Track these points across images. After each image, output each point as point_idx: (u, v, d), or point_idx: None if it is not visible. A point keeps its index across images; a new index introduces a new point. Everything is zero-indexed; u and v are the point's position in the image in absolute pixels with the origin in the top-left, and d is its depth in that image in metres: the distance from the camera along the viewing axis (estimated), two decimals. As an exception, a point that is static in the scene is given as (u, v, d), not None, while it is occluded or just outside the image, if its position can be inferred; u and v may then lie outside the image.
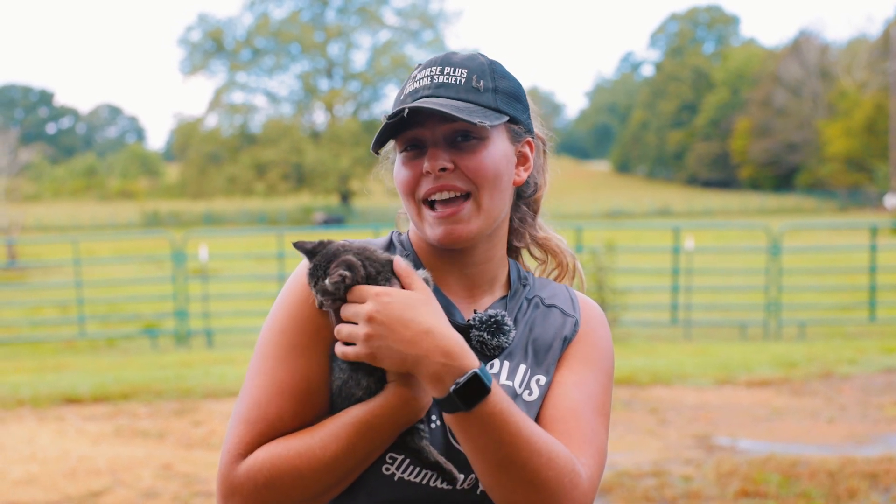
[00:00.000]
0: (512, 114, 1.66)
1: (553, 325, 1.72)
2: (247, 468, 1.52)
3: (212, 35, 78.60)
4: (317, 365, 1.57)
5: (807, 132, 76.26)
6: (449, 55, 1.68)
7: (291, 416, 1.56)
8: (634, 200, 74.32)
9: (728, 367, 10.57)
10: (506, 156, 1.66)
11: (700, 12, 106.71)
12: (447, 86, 1.63)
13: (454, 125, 1.60)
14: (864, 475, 6.34)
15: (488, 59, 1.69)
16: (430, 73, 1.66)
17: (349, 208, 72.59)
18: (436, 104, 1.57)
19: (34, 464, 6.97)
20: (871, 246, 15.00)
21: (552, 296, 1.77)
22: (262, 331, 1.64)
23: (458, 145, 1.61)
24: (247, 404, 1.57)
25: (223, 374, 10.59)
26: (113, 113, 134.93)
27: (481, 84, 1.64)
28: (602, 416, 1.66)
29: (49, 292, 19.72)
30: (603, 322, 1.78)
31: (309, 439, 1.52)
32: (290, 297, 1.61)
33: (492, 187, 1.63)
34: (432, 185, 1.61)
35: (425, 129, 1.62)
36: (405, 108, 1.57)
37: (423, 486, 1.57)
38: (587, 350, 1.71)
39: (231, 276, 20.68)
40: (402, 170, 1.65)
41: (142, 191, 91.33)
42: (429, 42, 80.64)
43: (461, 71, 1.64)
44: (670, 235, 16.13)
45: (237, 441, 1.55)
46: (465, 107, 1.60)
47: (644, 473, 6.45)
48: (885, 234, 29.23)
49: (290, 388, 1.56)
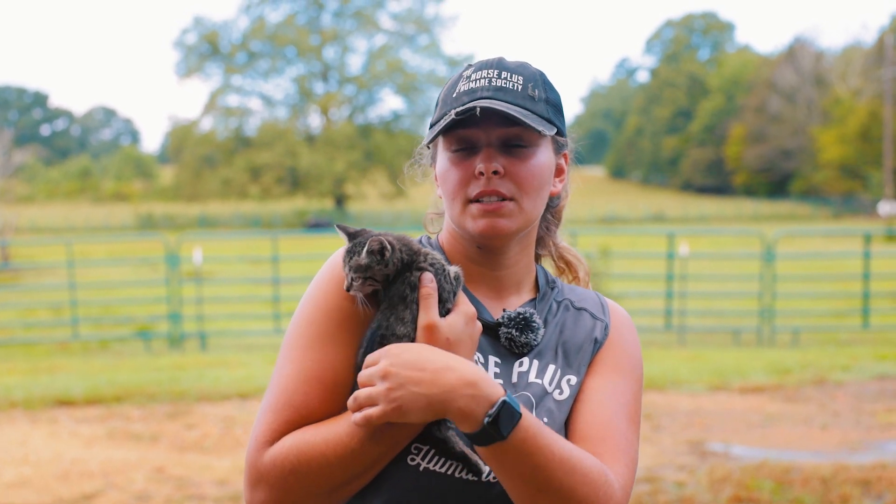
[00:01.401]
0: (559, 126, 1.69)
1: (584, 327, 1.74)
2: (273, 455, 1.53)
3: (207, 38, 78.60)
4: (344, 355, 1.59)
5: (801, 139, 76.47)
6: (501, 59, 1.69)
7: (318, 405, 1.57)
8: (629, 206, 74.44)
9: (722, 374, 10.58)
10: (549, 166, 1.68)
11: (695, 19, 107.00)
12: (506, 90, 1.64)
13: (511, 130, 1.62)
14: (857, 482, 6.35)
15: (538, 70, 1.71)
16: (488, 76, 1.66)
17: (343, 212, 72.58)
18: (504, 107, 1.59)
19: (27, 466, 6.96)
20: (865, 253, 15.01)
21: (582, 299, 1.79)
22: (292, 321, 1.65)
23: (511, 150, 1.63)
24: (275, 393, 1.59)
25: (217, 377, 10.58)
26: (107, 115, 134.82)
27: (536, 93, 1.66)
28: (634, 424, 1.67)
29: (42, 294, 19.67)
30: (632, 329, 1.79)
31: (336, 427, 1.53)
32: (319, 289, 1.64)
33: (535, 195, 1.65)
34: (483, 187, 1.62)
35: (480, 129, 1.62)
36: (476, 107, 1.58)
37: (448, 477, 1.57)
38: (619, 357, 1.72)
39: (225, 279, 20.66)
40: (452, 169, 1.66)
41: (136, 193, 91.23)
42: (424, 46, 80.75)
43: (517, 77, 1.66)
44: (665, 241, 16.13)
45: (264, 428, 1.56)
46: (525, 113, 1.61)
47: (638, 479, 6.45)
48: (879, 242, 29.30)
49: (318, 376, 1.57)
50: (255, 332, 15.53)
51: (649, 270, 17.56)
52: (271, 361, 11.57)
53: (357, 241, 1.59)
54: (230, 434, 7.91)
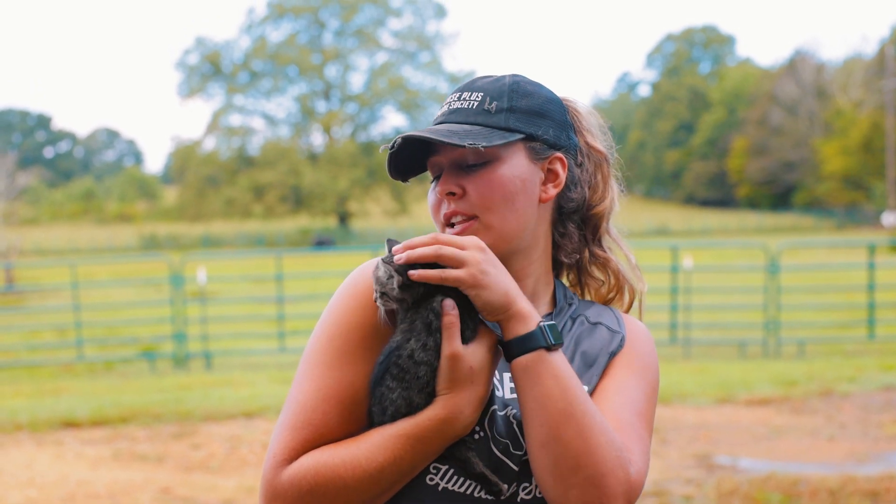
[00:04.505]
0: (529, 131, 1.67)
1: (600, 340, 1.73)
2: (291, 474, 1.53)
3: (209, 58, 78.87)
4: (363, 373, 1.58)
5: (803, 151, 76.47)
6: (476, 80, 1.72)
7: (337, 424, 1.57)
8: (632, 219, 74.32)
9: (728, 386, 10.56)
10: (521, 175, 1.66)
11: (696, 32, 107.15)
12: (459, 111, 1.68)
13: (460, 151, 1.64)
14: (865, 493, 6.33)
15: (513, 80, 1.71)
16: (450, 100, 1.71)
17: (347, 230, 72.65)
18: (427, 132, 1.61)
19: (33, 489, 6.95)
20: (870, 264, 15.00)
21: (598, 315, 1.78)
22: (311, 338, 1.65)
23: (469, 169, 1.65)
24: (293, 410, 1.58)
25: (222, 396, 10.57)
26: (111, 136, 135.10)
27: (493, 106, 1.66)
28: (645, 421, 1.65)
29: (47, 316, 19.69)
30: (649, 339, 1.77)
31: (355, 449, 1.53)
32: (339, 305, 1.63)
33: (502, 208, 1.64)
34: (446, 210, 1.67)
35: (441, 156, 1.68)
36: (395, 141, 1.63)
37: (467, 497, 1.57)
38: (630, 359, 1.71)
39: (229, 299, 20.66)
40: (430, 195, 1.71)
41: (140, 214, 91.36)
42: (426, 63, 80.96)
43: (477, 95, 1.68)
44: (668, 254, 16.11)
45: (282, 447, 1.56)
46: (467, 131, 1.62)
47: (645, 493, 6.43)
48: (883, 252, 29.25)
49: (337, 395, 1.57)
50: (260, 351, 15.52)
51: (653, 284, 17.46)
52: (277, 380, 11.58)
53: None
54: (236, 454, 7.90)
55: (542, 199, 1.71)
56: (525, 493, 1.60)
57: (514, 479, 1.58)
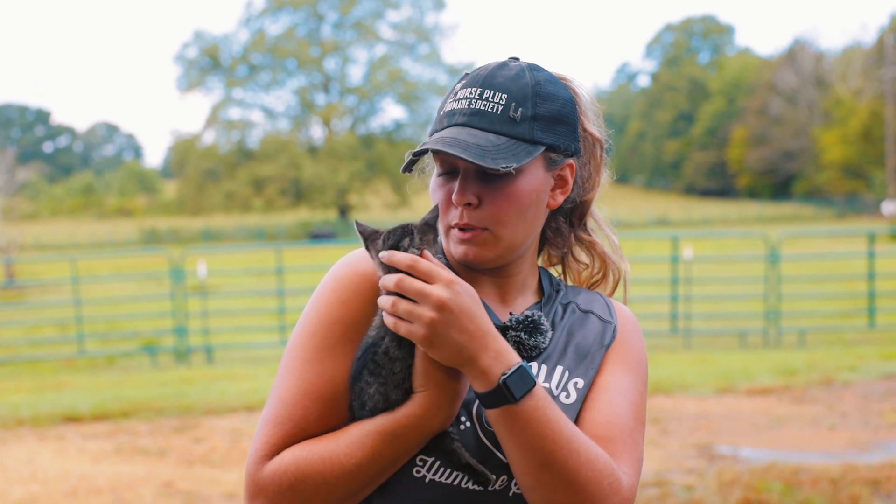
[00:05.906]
0: (550, 142, 1.63)
1: (592, 330, 1.72)
2: (272, 470, 1.54)
3: (208, 52, 78.83)
4: (344, 367, 1.58)
5: (803, 140, 76.42)
6: (494, 72, 1.64)
7: (317, 418, 1.57)
8: (632, 210, 74.34)
9: (728, 376, 10.57)
10: (537, 187, 1.64)
11: (695, 22, 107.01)
12: (482, 114, 1.60)
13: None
14: (867, 482, 6.33)
15: (534, 80, 1.64)
16: (469, 96, 1.63)
17: (347, 222, 72.54)
18: (460, 147, 1.55)
19: (35, 484, 6.96)
20: (870, 253, 15.00)
21: (588, 302, 1.77)
22: (293, 332, 1.64)
23: (488, 178, 1.60)
24: (274, 405, 1.59)
25: (223, 390, 10.58)
26: (110, 131, 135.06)
27: (519, 113, 1.60)
28: (641, 425, 1.66)
29: (48, 311, 19.70)
30: (638, 329, 1.77)
31: (335, 445, 1.53)
32: (320, 300, 1.62)
33: (515, 222, 1.62)
34: (457, 219, 1.61)
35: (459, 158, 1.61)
36: (430, 148, 1.57)
37: (454, 488, 1.57)
38: (626, 356, 1.71)
39: (230, 292, 20.68)
40: (437, 191, 1.66)
41: (140, 208, 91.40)
42: (425, 56, 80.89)
43: (500, 96, 1.61)
44: (669, 245, 16.11)
45: (264, 442, 1.57)
46: (496, 144, 1.57)
47: (646, 483, 6.44)
48: (883, 241, 29.24)
49: (317, 390, 1.57)
50: (261, 344, 15.53)
51: (654, 274, 17.52)
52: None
53: (393, 231, 1.55)
54: (238, 447, 7.91)
55: (550, 205, 1.69)
56: (517, 487, 1.59)
57: (504, 470, 1.57)
